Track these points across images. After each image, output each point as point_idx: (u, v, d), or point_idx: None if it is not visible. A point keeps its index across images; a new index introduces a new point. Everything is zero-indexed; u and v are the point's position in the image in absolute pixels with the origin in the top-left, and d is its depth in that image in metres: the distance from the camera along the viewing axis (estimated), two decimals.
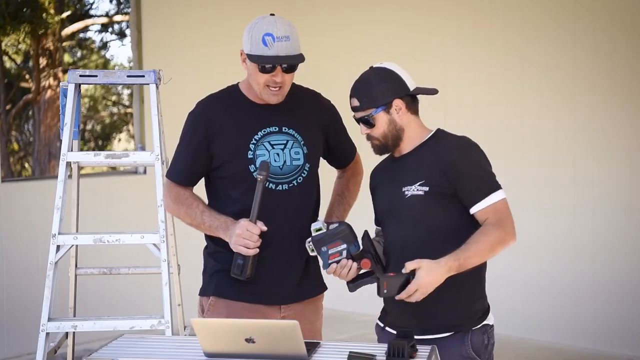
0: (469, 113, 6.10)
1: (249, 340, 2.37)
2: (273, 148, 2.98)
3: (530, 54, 5.93)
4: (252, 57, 2.91)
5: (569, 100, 5.78)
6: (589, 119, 5.70)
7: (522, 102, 5.99)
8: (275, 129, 3.01)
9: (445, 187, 2.74)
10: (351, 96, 2.88)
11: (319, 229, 2.82)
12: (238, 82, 3.10)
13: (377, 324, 2.95)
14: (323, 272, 3.12)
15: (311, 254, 2.85)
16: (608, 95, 5.62)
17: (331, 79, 7.07)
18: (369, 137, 2.85)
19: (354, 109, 2.86)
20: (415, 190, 2.76)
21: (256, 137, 2.98)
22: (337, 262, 2.79)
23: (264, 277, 2.96)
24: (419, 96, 2.88)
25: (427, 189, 2.75)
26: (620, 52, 5.54)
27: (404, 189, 2.79)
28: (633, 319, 5.50)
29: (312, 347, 2.53)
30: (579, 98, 5.74)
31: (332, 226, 2.82)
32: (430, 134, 2.87)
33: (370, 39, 6.80)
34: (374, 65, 2.89)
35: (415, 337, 2.72)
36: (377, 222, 3.02)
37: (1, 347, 5.68)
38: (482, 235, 2.70)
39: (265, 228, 2.88)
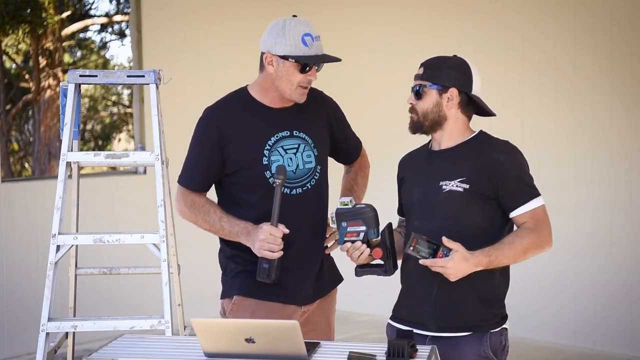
0: None
1: (249, 340, 2.37)
2: (286, 153, 3.00)
3: (530, 54, 5.93)
4: (295, 58, 2.92)
5: (569, 100, 5.78)
6: (589, 119, 5.70)
7: (522, 102, 5.99)
8: (287, 133, 3.02)
9: (487, 188, 2.76)
10: (420, 65, 2.89)
11: (346, 204, 2.81)
12: (246, 85, 3.09)
13: (388, 324, 2.92)
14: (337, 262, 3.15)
15: (331, 225, 2.85)
16: (608, 95, 5.62)
17: (331, 79, 7.08)
18: (411, 109, 2.86)
19: (416, 76, 2.87)
20: (454, 186, 2.76)
21: (270, 142, 2.99)
22: (352, 242, 2.79)
23: (287, 279, 2.98)
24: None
25: (467, 186, 2.75)
26: (620, 52, 5.54)
27: (441, 183, 2.78)
28: (633, 319, 5.50)
29: (312, 347, 2.53)
30: (579, 98, 5.74)
31: (358, 205, 2.82)
32: (474, 134, 2.88)
33: (370, 39, 6.80)
34: (457, 55, 2.91)
35: (431, 334, 2.76)
36: (400, 213, 3.02)
37: (1, 347, 5.68)
38: (517, 237, 2.74)
39: (287, 230, 2.90)
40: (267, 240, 2.88)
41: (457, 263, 2.65)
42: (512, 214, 2.78)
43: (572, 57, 5.73)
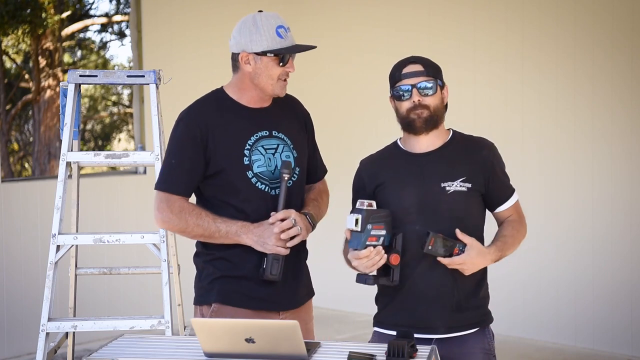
0: (469, 113, 6.11)
1: (249, 340, 2.37)
2: (266, 152, 2.95)
3: (530, 54, 5.93)
4: (274, 52, 2.89)
5: (569, 100, 5.78)
6: (589, 119, 5.70)
7: (522, 102, 5.99)
8: (266, 133, 2.98)
9: (482, 185, 2.79)
10: (411, 62, 2.83)
11: (370, 205, 2.67)
12: (222, 87, 3.05)
13: (376, 332, 2.87)
14: (313, 276, 3.11)
15: (353, 227, 2.66)
16: (608, 95, 5.62)
17: (331, 80, 7.08)
18: (420, 106, 2.78)
19: (415, 73, 2.80)
20: (458, 186, 2.76)
21: (250, 142, 2.95)
22: (374, 246, 2.68)
23: (265, 282, 2.93)
24: None
25: (469, 185, 2.77)
26: (620, 52, 5.54)
27: (443, 185, 2.76)
28: (633, 319, 5.51)
29: (312, 347, 2.52)
30: (579, 98, 5.74)
31: (379, 208, 2.71)
32: (451, 134, 2.89)
33: (370, 39, 6.80)
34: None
35: (440, 336, 2.75)
36: None
37: (1, 347, 5.68)
38: (514, 230, 2.82)
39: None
40: (281, 236, 2.85)
41: (473, 258, 2.68)
42: (499, 209, 2.85)
43: (572, 57, 5.73)
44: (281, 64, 2.91)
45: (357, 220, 2.65)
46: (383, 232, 2.70)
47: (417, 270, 2.76)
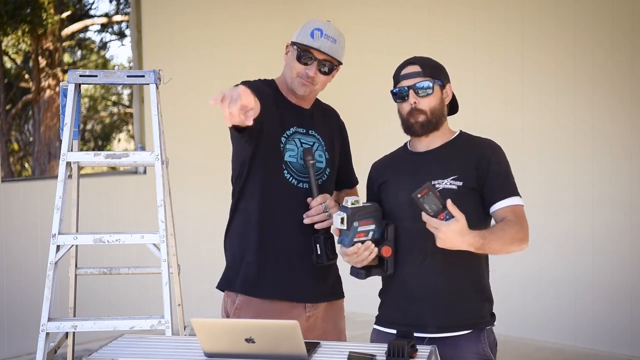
0: (469, 113, 6.11)
1: (249, 340, 2.37)
2: (302, 146, 3.03)
3: (530, 54, 5.94)
4: (295, 44, 2.99)
5: (569, 100, 5.78)
6: (589, 119, 5.70)
7: (522, 102, 5.99)
8: (304, 130, 3.06)
9: (474, 180, 2.75)
10: (410, 63, 2.85)
11: (356, 202, 2.68)
12: (273, 79, 3.13)
13: (375, 329, 2.89)
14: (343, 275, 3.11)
15: (339, 226, 2.68)
16: (608, 95, 5.62)
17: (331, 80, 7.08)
18: (416, 110, 2.80)
19: (412, 74, 2.81)
20: (448, 184, 2.75)
21: (288, 132, 3.02)
22: (362, 242, 2.69)
23: (289, 275, 2.97)
24: None
25: (460, 183, 2.74)
26: (620, 52, 5.54)
27: (433, 182, 2.74)
28: (633, 319, 5.51)
29: (312, 347, 2.53)
30: (579, 98, 5.74)
31: (365, 203, 2.71)
32: (457, 134, 2.89)
33: (370, 39, 6.80)
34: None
35: (431, 335, 2.74)
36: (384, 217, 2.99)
37: (1, 347, 5.68)
38: (507, 225, 2.70)
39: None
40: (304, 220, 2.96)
41: (450, 231, 2.55)
42: (494, 207, 2.76)
43: (572, 57, 5.74)
44: (299, 59, 2.98)
45: (342, 219, 2.67)
46: (372, 227, 2.71)
47: (407, 267, 2.77)
